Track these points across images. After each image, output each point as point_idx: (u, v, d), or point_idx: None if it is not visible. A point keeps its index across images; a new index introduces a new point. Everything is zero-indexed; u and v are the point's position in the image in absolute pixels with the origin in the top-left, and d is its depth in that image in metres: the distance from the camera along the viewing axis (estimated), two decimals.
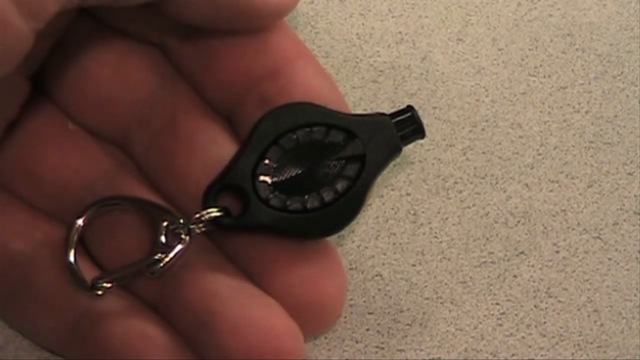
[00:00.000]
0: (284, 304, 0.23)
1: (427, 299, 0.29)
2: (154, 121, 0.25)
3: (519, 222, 0.31)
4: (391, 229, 0.30)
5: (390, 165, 0.31)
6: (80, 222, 0.24)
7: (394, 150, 0.24)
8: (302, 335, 0.24)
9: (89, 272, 0.24)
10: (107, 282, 0.24)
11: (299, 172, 0.24)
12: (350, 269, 0.29)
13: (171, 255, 0.24)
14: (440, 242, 0.30)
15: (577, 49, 0.35)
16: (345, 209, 0.24)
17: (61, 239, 0.24)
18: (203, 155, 0.25)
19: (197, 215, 0.24)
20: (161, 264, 0.24)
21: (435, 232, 0.30)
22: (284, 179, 0.24)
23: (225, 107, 0.25)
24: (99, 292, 0.24)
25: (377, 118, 0.24)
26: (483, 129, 0.33)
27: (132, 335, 0.24)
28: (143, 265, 0.24)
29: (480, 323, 0.29)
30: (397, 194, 0.31)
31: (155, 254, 0.24)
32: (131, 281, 0.24)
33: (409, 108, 0.25)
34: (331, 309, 0.24)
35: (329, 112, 0.24)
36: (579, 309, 0.30)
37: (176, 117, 0.25)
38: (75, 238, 0.24)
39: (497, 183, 0.32)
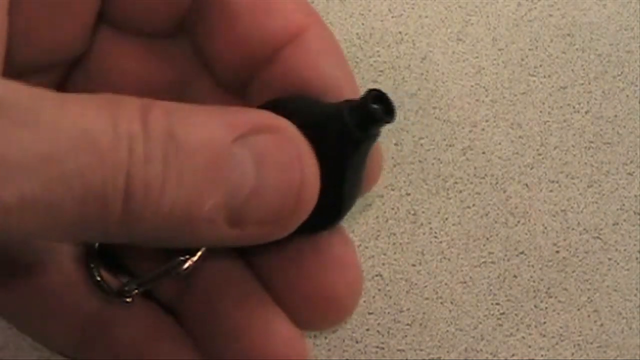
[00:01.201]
0: (292, 298, 0.23)
1: (427, 299, 0.29)
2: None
3: (519, 222, 0.31)
4: (391, 229, 0.30)
5: (390, 165, 0.31)
6: None
7: (350, 141, 0.22)
8: (306, 345, 0.24)
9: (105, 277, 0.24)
10: (134, 288, 0.24)
11: None
12: None
13: (196, 256, 0.23)
14: (440, 242, 0.30)
15: (577, 49, 0.35)
16: (325, 208, 0.23)
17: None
18: None
19: None
20: (185, 266, 0.23)
21: (435, 232, 0.30)
22: None
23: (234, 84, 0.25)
24: (128, 300, 0.24)
25: (334, 108, 0.22)
26: (483, 129, 0.33)
27: (141, 339, 0.24)
28: (169, 268, 0.23)
29: (480, 323, 0.29)
30: (397, 194, 0.31)
31: (181, 255, 0.23)
32: (157, 285, 0.24)
33: (371, 91, 0.22)
34: (341, 303, 0.24)
35: (306, 104, 0.23)
36: (579, 309, 0.30)
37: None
38: (97, 244, 0.24)
39: (497, 183, 0.32)
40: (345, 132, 0.21)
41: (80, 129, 0.17)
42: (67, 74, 0.24)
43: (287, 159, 0.20)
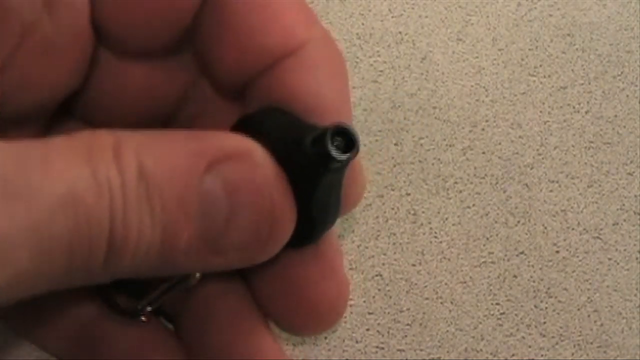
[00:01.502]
0: (282, 308, 0.23)
1: (427, 299, 0.29)
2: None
3: (519, 222, 0.31)
4: (391, 229, 0.30)
5: (390, 165, 0.31)
6: None
7: (313, 171, 0.21)
8: None
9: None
10: (146, 306, 0.24)
11: None
12: (350, 269, 0.29)
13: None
14: (440, 242, 0.30)
15: (577, 49, 0.35)
16: (299, 228, 0.23)
17: None
18: None
19: None
20: (188, 280, 0.23)
21: (435, 232, 0.30)
22: None
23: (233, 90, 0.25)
24: (144, 319, 0.24)
25: (303, 132, 0.22)
26: (483, 129, 0.33)
27: (135, 350, 0.24)
28: (177, 282, 0.24)
29: (480, 323, 0.29)
30: (397, 194, 0.31)
31: None
32: (165, 300, 0.24)
33: (333, 126, 0.21)
34: (328, 312, 0.24)
35: (282, 123, 0.22)
36: (579, 309, 0.30)
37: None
38: None
39: (497, 183, 0.32)
40: (307, 162, 0.21)
41: (66, 189, 0.18)
42: (68, 99, 0.24)
43: (258, 186, 0.20)
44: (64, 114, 0.24)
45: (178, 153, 0.20)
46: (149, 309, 0.24)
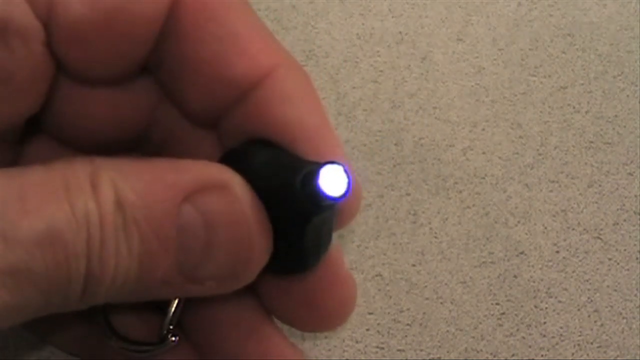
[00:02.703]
0: (287, 312, 0.24)
1: (427, 299, 0.29)
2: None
3: (519, 222, 0.31)
4: (391, 229, 0.30)
5: (390, 165, 0.31)
6: None
7: (302, 210, 0.21)
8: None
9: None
10: (169, 326, 0.24)
11: None
12: (350, 269, 0.29)
13: None
14: (440, 242, 0.30)
15: (577, 49, 0.35)
16: (293, 259, 0.22)
17: None
18: None
19: None
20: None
21: (435, 232, 0.30)
22: None
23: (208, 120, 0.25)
24: (174, 339, 0.24)
25: (292, 168, 0.21)
26: (483, 129, 0.33)
27: None
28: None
29: (480, 323, 0.29)
30: (397, 194, 0.31)
31: None
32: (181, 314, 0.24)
33: (326, 165, 0.20)
34: (336, 318, 0.24)
35: (269, 157, 0.22)
36: (579, 309, 0.30)
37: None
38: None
39: (497, 183, 0.32)
40: (298, 201, 0.21)
41: (44, 226, 0.18)
42: (36, 117, 0.24)
43: (235, 218, 0.21)
44: (35, 128, 0.24)
45: (156, 183, 0.20)
46: (171, 327, 0.24)
